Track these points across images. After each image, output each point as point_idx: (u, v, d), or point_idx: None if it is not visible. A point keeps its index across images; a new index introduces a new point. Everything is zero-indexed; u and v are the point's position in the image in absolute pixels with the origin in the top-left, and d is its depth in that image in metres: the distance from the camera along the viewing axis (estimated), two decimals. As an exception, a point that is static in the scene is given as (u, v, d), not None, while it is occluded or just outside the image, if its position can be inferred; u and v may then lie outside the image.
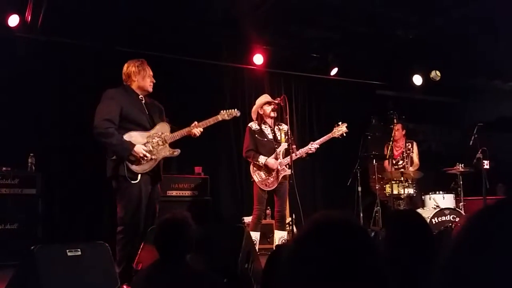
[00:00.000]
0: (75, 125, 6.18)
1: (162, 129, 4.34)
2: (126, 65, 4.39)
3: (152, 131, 4.28)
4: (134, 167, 4.09)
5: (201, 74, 7.45)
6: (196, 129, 4.48)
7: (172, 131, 4.41)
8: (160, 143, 4.27)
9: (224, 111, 4.83)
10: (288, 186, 5.60)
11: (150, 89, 4.39)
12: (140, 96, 4.34)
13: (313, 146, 5.63)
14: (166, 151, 4.32)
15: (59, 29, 6.39)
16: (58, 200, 6.23)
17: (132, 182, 4.05)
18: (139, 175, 4.10)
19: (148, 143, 4.20)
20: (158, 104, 4.55)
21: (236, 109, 4.92)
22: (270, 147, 5.59)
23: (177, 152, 4.40)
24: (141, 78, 4.33)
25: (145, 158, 4.11)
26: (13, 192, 5.52)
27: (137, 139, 4.15)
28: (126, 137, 4.10)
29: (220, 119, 4.75)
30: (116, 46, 6.72)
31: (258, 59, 7.75)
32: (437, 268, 0.76)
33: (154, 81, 4.41)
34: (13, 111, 6.15)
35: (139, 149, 4.07)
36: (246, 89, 7.99)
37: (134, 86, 4.33)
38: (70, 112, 6.36)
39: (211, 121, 4.67)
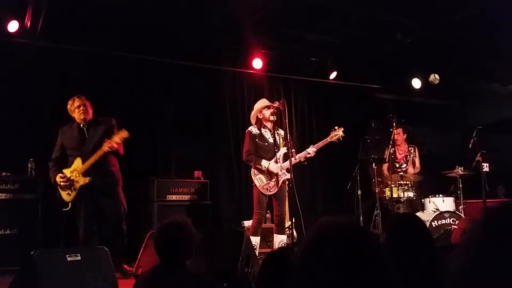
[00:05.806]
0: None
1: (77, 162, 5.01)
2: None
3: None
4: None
5: (200, 79, 7.45)
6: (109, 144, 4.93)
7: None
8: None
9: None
10: (286, 190, 5.59)
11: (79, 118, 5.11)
12: (81, 124, 5.09)
13: (311, 150, 5.62)
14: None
15: (58, 34, 6.39)
16: (58, 205, 6.21)
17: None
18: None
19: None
20: (105, 121, 5.17)
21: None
22: (271, 151, 5.58)
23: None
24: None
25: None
26: (13, 197, 5.51)
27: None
28: None
29: None
30: (115, 52, 6.73)
31: (257, 63, 7.75)
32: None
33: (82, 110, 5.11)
34: (13, 116, 6.15)
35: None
36: (246, 93, 7.99)
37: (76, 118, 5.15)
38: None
39: None
